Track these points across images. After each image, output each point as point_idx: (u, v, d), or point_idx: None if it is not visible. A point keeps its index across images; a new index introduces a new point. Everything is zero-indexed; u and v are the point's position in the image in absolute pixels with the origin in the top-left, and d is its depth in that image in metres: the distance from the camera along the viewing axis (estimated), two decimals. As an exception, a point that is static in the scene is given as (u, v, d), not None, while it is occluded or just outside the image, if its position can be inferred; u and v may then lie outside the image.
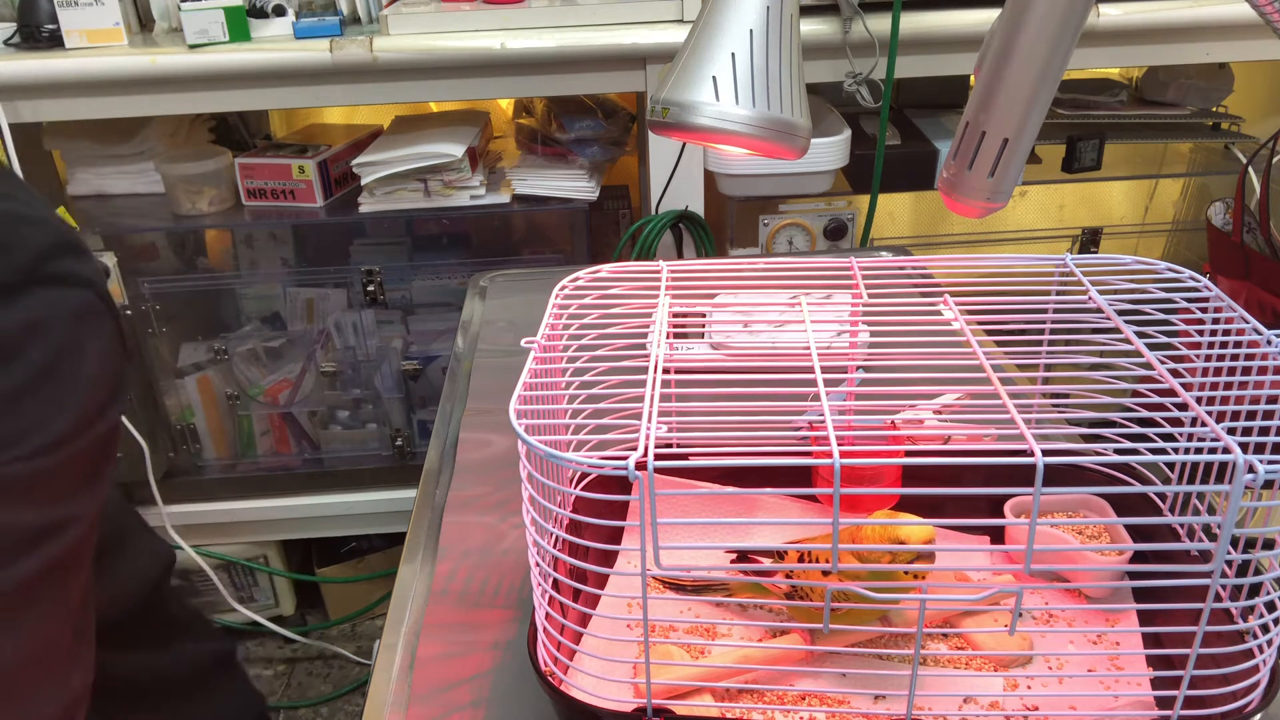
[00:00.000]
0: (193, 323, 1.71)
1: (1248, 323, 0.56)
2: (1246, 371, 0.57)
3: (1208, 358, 0.60)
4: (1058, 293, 0.64)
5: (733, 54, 0.66)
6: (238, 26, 1.37)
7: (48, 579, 0.55)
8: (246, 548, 1.74)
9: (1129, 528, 0.65)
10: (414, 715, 0.60)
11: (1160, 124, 1.73)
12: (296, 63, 1.36)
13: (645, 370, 0.54)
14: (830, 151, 1.44)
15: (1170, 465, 0.60)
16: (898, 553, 0.53)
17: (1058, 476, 0.68)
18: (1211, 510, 0.61)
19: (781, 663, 0.59)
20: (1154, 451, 0.57)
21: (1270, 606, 0.50)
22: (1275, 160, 1.41)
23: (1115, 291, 0.61)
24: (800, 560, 0.58)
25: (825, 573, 0.55)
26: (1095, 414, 0.66)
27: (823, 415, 0.48)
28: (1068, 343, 0.65)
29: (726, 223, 1.58)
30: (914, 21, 1.38)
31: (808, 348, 0.56)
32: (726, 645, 0.61)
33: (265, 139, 1.80)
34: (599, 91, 1.59)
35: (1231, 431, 0.50)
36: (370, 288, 1.63)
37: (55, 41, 1.39)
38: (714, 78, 0.66)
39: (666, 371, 0.56)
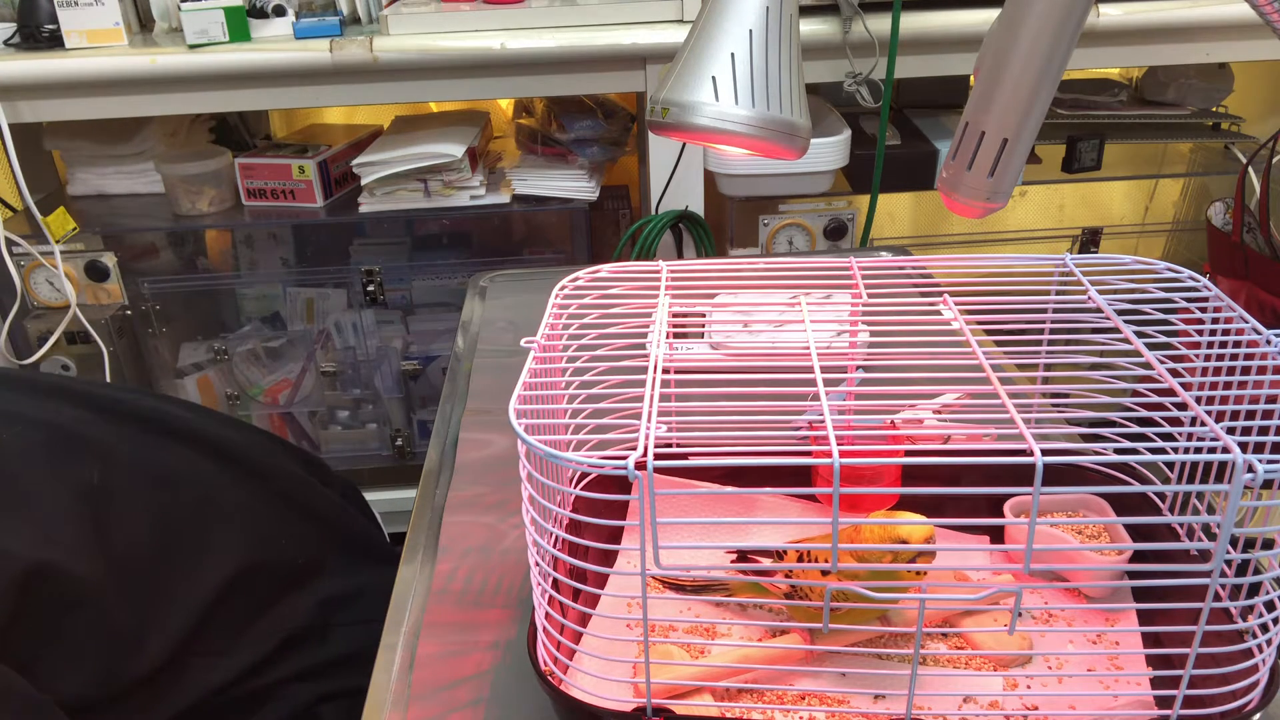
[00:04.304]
0: (193, 323, 1.71)
1: (1247, 322, 0.56)
2: (1246, 371, 0.57)
3: (1207, 358, 0.60)
4: (1057, 293, 0.64)
5: (732, 54, 0.66)
6: (238, 26, 1.37)
7: None
8: (247, 547, 1.74)
9: (1128, 527, 0.65)
10: (414, 715, 0.60)
11: (1160, 124, 1.73)
12: (296, 63, 1.36)
13: (645, 370, 0.54)
14: (830, 151, 1.44)
15: (1170, 465, 0.60)
16: (897, 552, 0.53)
17: (1057, 476, 0.68)
18: (1211, 510, 0.61)
19: (781, 662, 0.59)
20: (1153, 451, 0.57)
21: (1270, 606, 0.50)
22: (1275, 160, 1.41)
23: (1115, 291, 0.61)
24: (800, 560, 0.58)
25: (825, 572, 0.55)
26: (1095, 414, 0.66)
27: (822, 415, 0.48)
28: (1067, 343, 0.65)
29: (726, 223, 1.58)
30: (914, 21, 1.38)
31: (807, 348, 0.56)
32: (726, 645, 0.61)
33: (265, 139, 1.80)
34: (599, 91, 1.59)
35: (1231, 431, 0.50)
36: (370, 288, 1.63)
37: (55, 41, 1.39)
38: (714, 78, 0.66)
39: (666, 371, 0.56)
